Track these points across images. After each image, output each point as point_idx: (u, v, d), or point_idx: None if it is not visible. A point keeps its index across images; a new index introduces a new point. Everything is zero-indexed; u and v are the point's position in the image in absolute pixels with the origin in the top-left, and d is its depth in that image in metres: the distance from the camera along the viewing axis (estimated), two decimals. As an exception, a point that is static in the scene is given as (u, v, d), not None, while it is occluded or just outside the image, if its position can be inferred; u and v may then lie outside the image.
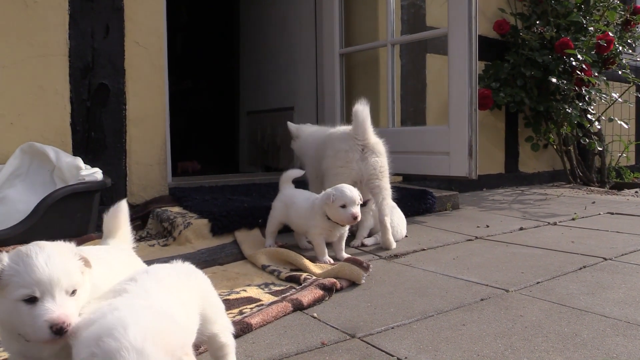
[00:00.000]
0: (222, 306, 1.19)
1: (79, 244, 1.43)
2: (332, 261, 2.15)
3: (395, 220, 2.66)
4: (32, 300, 0.93)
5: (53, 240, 1.05)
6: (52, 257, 0.96)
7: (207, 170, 5.19)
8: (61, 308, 0.92)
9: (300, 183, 2.62)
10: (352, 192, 2.11)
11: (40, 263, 0.94)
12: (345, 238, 2.26)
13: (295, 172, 2.49)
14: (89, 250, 1.21)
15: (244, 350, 1.36)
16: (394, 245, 2.49)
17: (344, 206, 2.08)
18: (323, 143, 2.68)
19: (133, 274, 1.04)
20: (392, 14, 3.76)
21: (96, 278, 1.08)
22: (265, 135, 4.95)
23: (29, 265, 0.94)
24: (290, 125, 3.00)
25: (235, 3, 6.17)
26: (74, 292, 0.97)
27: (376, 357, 1.32)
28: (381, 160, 2.53)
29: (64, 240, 1.08)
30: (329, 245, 2.24)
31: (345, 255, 2.23)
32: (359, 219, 2.12)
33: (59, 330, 0.90)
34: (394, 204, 2.72)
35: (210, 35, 7.10)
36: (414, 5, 4.28)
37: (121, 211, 1.40)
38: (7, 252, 1.01)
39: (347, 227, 2.22)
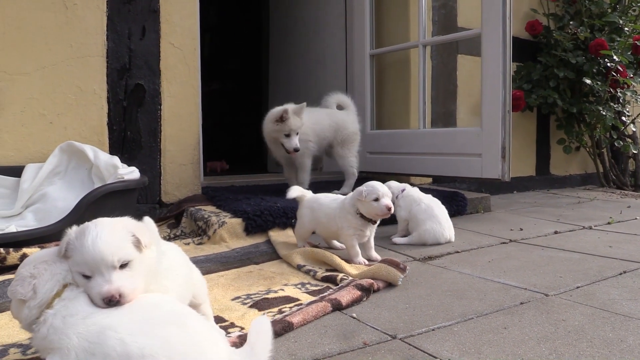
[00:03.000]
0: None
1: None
2: (366, 262, 2.15)
3: (438, 212, 2.59)
4: (87, 276, 1.06)
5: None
6: (99, 236, 1.06)
7: (235, 170, 5.24)
8: (108, 283, 1.03)
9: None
10: (383, 186, 2.15)
11: (88, 244, 1.05)
12: (373, 236, 2.27)
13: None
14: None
15: (287, 349, 1.37)
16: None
17: (376, 199, 2.10)
18: None
19: None
20: (423, 14, 3.74)
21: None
22: (294, 135, 4.96)
23: (81, 244, 1.05)
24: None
25: (264, 4, 6.22)
26: (124, 265, 1.06)
27: (419, 358, 1.31)
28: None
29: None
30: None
31: (376, 254, 2.24)
32: (392, 210, 2.13)
33: (109, 302, 1.02)
34: (437, 201, 2.67)
35: (239, 36, 7.17)
36: (445, 6, 4.26)
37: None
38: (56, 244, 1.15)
39: (375, 226, 2.23)
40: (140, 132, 3.01)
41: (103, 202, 2.32)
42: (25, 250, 2.09)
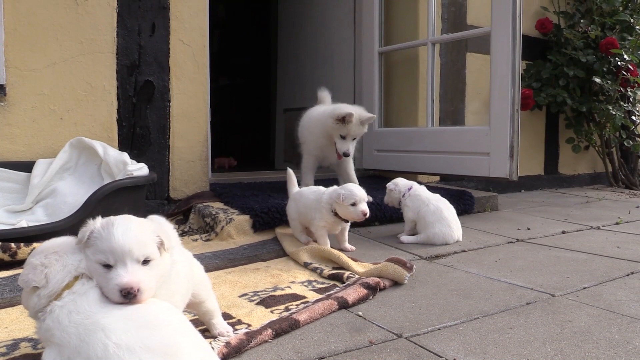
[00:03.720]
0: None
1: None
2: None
3: (447, 214, 2.57)
4: (107, 265, 1.05)
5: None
6: (129, 229, 1.07)
7: (242, 167, 5.26)
8: (130, 275, 1.03)
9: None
10: (361, 191, 2.24)
11: (117, 233, 1.05)
12: (347, 229, 2.41)
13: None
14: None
15: (293, 346, 1.38)
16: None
17: (353, 204, 2.21)
18: None
19: None
20: (432, 12, 3.73)
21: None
22: (302, 132, 4.97)
23: (109, 233, 1.06)
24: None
25: (273, 0, 6.22)
26: (146, 261, 1.07)
27: (425, 358, 1.32)
28: None
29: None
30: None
31: (349, 246, 2.39)
32: (367, 215, 2.23)
33: (127, 294, 1.02)
34: (446, 201, 2.65)
35: (247, 32, 7.17)
36: (454, 4, 4.24)
37: None
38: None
39: (349, 223, 2.36)
40: (149, 128, 3.03)
41: (112, 198, 2.34)
42: (35, 245, 2.12)
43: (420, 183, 2.77)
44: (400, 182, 2.71)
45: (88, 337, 0.95)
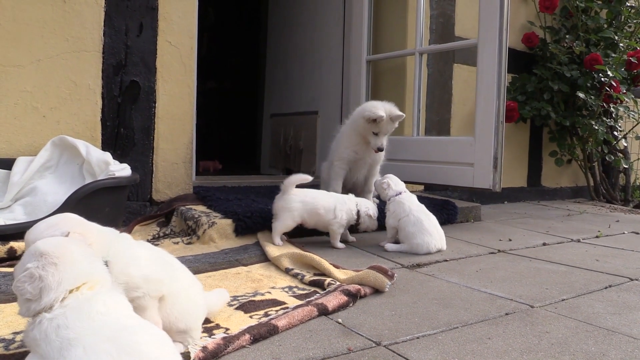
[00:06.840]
0: None
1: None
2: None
3: (427, 225, 2.57)
4: None
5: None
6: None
7: (227, 171, 5.23)
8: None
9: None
10: None
11: None
12: None
13: (302, 177, 2.52)
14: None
15: (271, 352, 1.37)
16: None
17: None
18: None
19: None
20: (421, 22, 3.75)
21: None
22: (288, 138, 4.98)
23: None
24: None
25: (263, 5, 6.23)
26: None
27: (402, 367, 1.32)
28: None
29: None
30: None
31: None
32: None
33: None
34: (427, 211, 2.64)
35: (237, 35, 7.17)
36: (443, 15, 4.28)
37: None
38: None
39: None
40: (133, 129, 3.00)
41: (93, 198, 2.31)
42: (12, 244, 2.08)
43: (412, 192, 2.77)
44: (393, 184, 2.69)
45: (67, 352, 0.93)
